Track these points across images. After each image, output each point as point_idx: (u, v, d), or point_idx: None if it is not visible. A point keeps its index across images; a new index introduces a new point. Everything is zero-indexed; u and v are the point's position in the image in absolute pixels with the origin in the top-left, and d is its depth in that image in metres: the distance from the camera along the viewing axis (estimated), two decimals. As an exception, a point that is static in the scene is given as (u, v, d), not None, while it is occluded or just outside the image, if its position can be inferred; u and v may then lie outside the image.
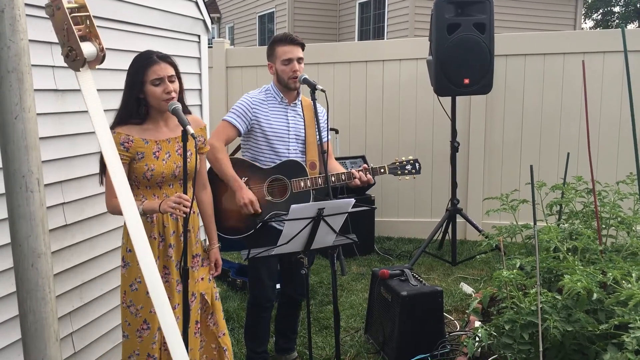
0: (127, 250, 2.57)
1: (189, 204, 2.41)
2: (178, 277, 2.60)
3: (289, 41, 3.07)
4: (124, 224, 2.63)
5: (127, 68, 2.53)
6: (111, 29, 3.11)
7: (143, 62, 2.49)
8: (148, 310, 2.56)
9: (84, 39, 1.60)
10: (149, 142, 2.52)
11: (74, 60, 1.58)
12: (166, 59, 2.53)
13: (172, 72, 2.51)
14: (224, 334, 2.83)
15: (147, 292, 2.51)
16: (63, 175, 2.80)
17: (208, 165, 3.14)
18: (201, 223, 2.91)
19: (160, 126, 2.58)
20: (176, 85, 2.52)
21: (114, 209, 2.53)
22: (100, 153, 2.54)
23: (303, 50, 3.11)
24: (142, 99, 2.50)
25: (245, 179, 3.05)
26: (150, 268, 1.56)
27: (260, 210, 3.00)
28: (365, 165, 3.21)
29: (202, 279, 2.73)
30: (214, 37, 17.25)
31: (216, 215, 3.08)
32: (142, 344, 2.58)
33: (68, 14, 1.53)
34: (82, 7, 1.58)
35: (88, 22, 1.60)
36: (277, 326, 3.51)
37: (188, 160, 2.61)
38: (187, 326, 2.51)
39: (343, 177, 3.09)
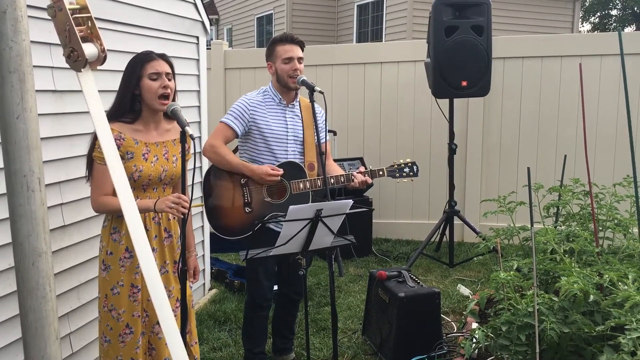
0: (108, 253, 2.52)
1: (188, 205, 2.42)
2: (162, 282, 2.58)
3: (290, 40, 3.08)
4: (103, 226, 2.59)
5: (125, 69, 2.54)
6: (110, 30, 3.12)
7: (141, 58, 2.50)
8: (130, 314, 2.53)
9: (85, 40, 1.61)
10: (139, 143, 2.51)
11: (76, 61, 1.59)
12: (164, 57, 2.54)
13: (169, 70, 2.53)
14: (195, 343, 2.78)
15: (130, 296, 2.51)
16: (62, 175, 2.81)
17: (206, 164, 3.14)
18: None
19: (150, 129, 2.57)
20: (172, 84, 2.53)
21: (101, 207, 2.49)
22: (88, 150, 2.53)
23: (302, 50, 3.12)
24: (137, 95, 2.49)
25: (245, 180, 3.05)
26: (149, 264, 1.56)
27: (282, 171, 3.02)
28: (362, 167, 3.22)
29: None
30: (212, 39, 17.26)
31: (215, 216, 3.08)
32: (125, 349, 2.53)
33: (70, 15, 1.54)
34: (84, 9, 1.59)
35: (89, 23, 1.61)
36: (274, 326, 3.51)
37: (174, 165, 2.61)
38: (185, 327, 2.50)
39: (342, 180, 3.09)
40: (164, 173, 2.57)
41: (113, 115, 2.51)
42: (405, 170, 3.25)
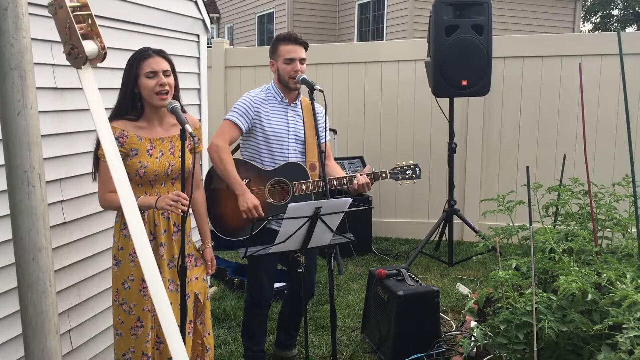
0: (119, 248, 2.57)
1: (187, 202, 2.43)
2: (170, 276, 2.60)
3: (293, 40, 3.06)
4: (115, 222, 2.63)
5: (126, 67, 2.55)
6: (111, 28, 3.13)
7: (138, 56, 2.51)
8: (141, 308, 2.56)
9: (85, 37, 1.62)
10: (143, 140, 2.53)
11: (76, 58, 1.60)
12: (161, 53, 2.54)
13: (166, 66, 2.52)
14: (209, 334, 2.82)
15: (140, 290, 2.54)
16: (62, 173, 2.82)
17: (207, 164, 3.15)
18: (193, 224, 2.91)
19: (154, 125, 2.58)
20: (171, 80, 2.53)
21: (108, 204, 2.53)
22: (94, 148, 2.55)
23: (306, 50, 3.11)
24: (137, 93, 2.51)
25: (247, 180, 3.04)
26: (149, 262, 1.57)
27: (263, 215, 2.99)
28: (368, 166, 3.22)
29: (197, 278, 2.73)
30: (213, 37, 17.26)
31: (217, 216, 3.08)
32: (137, 341, 2.58)
33: (70, 13, 1.54)
34: (84, 6, 1.60)
35: (90, 21, 1.62)
36: (280, 322, 3.52)
37: (180, 159, 2.62)
38: (184, 325, 2.52)
39: (345, 182, 3.09)
40: (171, 168, 2.58)
41: (117, 114, 2.53)
42: (408, 172, 3.24)
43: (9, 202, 1.46)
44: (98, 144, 2.51)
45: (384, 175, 3.19)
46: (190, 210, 2.66)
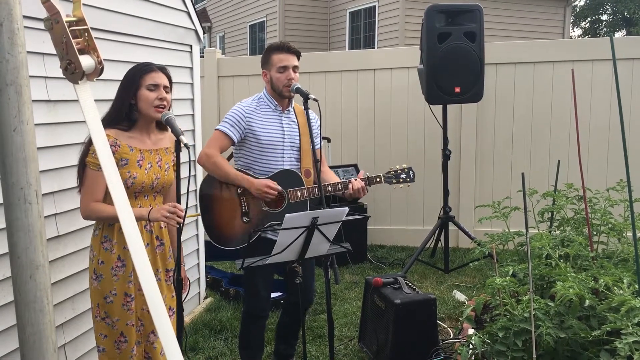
0: (100, 262, 2.50)
1: (183, 214, 2.42)
2: None
3: (286, 49, 3.07)
4: (93, 235, 2.55)
5: (120, 78, 2.54)
6: (104, 40, 3.12)
7: (142, 68, 2.52)
8: (124, 323, 2.52)
9: (82, 52, 1.61)
10: (134, 150, 2.52)
11: (73, 74, 1.59)
12: (164, 69, 2.57)
13: (167, 83, 2.55)
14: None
15: (123, 305, 2.50)
16: (56, 185, 2.80)
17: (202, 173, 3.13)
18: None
19: (144, 137, 2.58)
20: (169, 97, 2.55)
21: (91, 213, 2.47)
22: (80, 156, 2.50)
23: (299, 59, 3.12)
24: (133, 104, 2.50)
25: (241, 189, 3.04)
26: (146, 273, 1.56)
27: (281, 189, 3.00)
28: (363, 171, 3.23)
29: (174, 296, 2.68)
30: (204, 47, 17.27)
31: (213, 227, 3.07)
32: (121, 356, 2.54)
33: (67, 28, 1.54)
34: (81, 21, 1.59)
35: (86, 35, 1.61)
36: (279, 332, 3.49)
37: (166, 173, 2.62)
38: (180, 336, 2.50)
39: (339, 187, 3.09)
40: (157, 181, 2.58)
41: (109, 122, 2.51)
42: (401, 176, 3.26)
43: (5, 220, 1.44)
44: (85, 151, 2.48)
45: (378, 179, 3.20)
46: (164, 225, 2.63)
